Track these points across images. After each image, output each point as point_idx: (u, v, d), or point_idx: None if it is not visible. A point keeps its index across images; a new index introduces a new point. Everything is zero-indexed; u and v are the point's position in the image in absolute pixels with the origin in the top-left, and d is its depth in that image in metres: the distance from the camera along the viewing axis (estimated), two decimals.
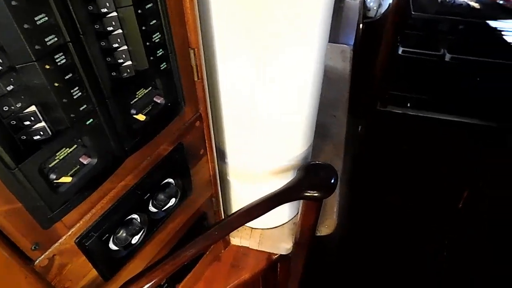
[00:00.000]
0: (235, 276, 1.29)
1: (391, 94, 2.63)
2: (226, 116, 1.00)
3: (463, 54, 2.46)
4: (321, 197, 1.03)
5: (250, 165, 1.12)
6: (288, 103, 0.97)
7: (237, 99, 0.95)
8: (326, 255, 2.25)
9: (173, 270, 0.82)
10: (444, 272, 2.09)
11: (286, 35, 0.82)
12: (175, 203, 0.90)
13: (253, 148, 1.06)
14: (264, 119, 0.99)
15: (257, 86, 0.91)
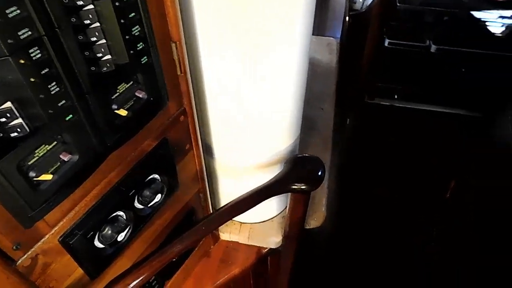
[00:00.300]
0: (225, 271, 1.29)
1: (378, 86, 2.64)
2: (211, 111, 0.99)
3: (448, 45, 2.48)
4: (308, 189, 1.03)
5: (237, 159, 1.12)
6: (274, 97, 0.97)
7: (222, 94, 0.94)
8: (316, 248, 2.26)
9: (160, 266, 0.82)
10: (433, 263, 2.12)
11: (271, 29, 0.81)
12: (161, 199, 0.89)
13: (239, 142, 1.06)
14: (250, 113, 0.98)
15: (242, 80, 0.90)
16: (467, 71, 2.51)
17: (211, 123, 1.02)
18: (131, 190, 0.79)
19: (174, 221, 1.03)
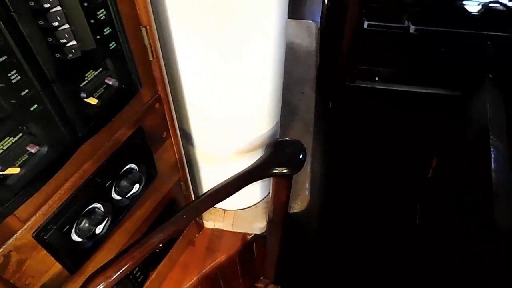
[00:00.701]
0: (211, 259, 1.28)
1: (358, 68, 2.64)
2: (188, 98, 0.97)
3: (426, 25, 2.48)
4: (290, 173, 1.02)
5: (217, 146, 1.10)
6: (251, 82, 0.95)
7: (198, 80, 0.92)
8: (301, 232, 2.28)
9: (142, 257, 0.80)
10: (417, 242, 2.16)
11: (245, 13, 0.79)
12: (139, 189, 0.87)
13: (219, 129, 1.04)
14: (227, 99, 0.96)
15: (218, 65, 0.88)
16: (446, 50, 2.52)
17: (189, 110, 1.00)
18: (107, 181, 0.77)
19: (155, 211, 1.02)
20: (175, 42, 0.84)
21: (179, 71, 0.90)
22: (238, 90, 0.94)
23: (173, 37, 0.83)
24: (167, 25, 0.81)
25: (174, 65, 0.89)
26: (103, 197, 0.78)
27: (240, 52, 0.87)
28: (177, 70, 0.90)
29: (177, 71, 0.90)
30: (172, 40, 0.83)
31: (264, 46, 0.89)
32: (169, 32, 0.82)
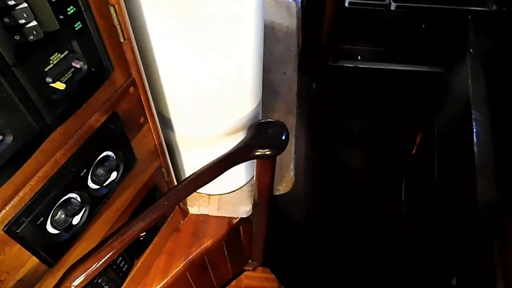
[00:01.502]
0: (197, 245, 1.27)
1: (341, 48, 2.61)
2: (164, 80, 0.93)
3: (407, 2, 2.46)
4: (273, 154, 1.01)
5: (197, 130, 1.07)
6: (229, 63, 0.92)
7: (174, 62, 0.88)
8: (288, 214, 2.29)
9: (123, 246, 0.78)
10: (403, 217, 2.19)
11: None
12: (117, 177, 0.84)
13: (198, 112, 1.01)
14: (205, 82, 0.93)
15: (193, 46, 0.85)
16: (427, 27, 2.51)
17: (166, 93, 0.96)
18: (82, 170, 0.74)
19: (137, 198, 0.99)
20: (147, 21, 0.80)
21: (154, 53, 0.86)
22: (216, 71, 0.91)
23: (144, 16, 0.78)
24: (137, 3, 0.77)
25: (148, 47, 0.85)
26: (78, 187, 0.75)
27: (217, 30, 0.83)
28: (152, 51, 0.86)
29: (151, 53, 0.86)
30: (144, 19, 0.79)
31: (242, 24, 0.86)
32: (140, 10, 0.77)
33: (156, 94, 0.99)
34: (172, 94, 0.96)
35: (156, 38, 0.83)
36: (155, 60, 0.88)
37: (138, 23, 0.81)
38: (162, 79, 0.92)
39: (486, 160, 1.38)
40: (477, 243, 1.24)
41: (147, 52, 0.87)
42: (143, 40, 0.84)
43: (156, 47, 0.85)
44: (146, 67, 0.92)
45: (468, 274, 1.22)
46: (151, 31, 0.82)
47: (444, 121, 1.92)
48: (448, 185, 1.66)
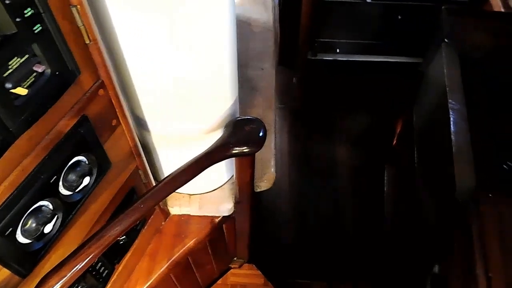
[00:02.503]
0: (180, 245, 1.25)
1: (319, 42, 2.62)
2: (136, 81, 0.91)
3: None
4: (251, 151, 1.00)
5: (173, 129, 1.06)
6: (202, 59, 0.91)
7: (144, 62, 0.86)
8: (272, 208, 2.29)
9: (100, 252, 0.77)
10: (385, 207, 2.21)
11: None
12: (91, 182, 0.83)
13: (172, 111, 1.00)
14: (178, 81, 0.92)
15: (164, 43, 0.83)
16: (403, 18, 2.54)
17: (138, 94, 0.94)
18: (52, 176, 0.72)
19: (113, 203, 0.97)
20: (113, 20, 0.78)
21: (123, 53, 0.84)
22: (189, 69, 0.90)
23: (110, 15, 0.76)
24: (102, 2, 0.75)
25: (116, 47, 0.83)
26: (49, 194, 0.73)
27: (188, 26, 0.82)
28: (121, 52, 0.84)
29: (120, 53, 0.84)
30: (110, 18, 0.77)
31: (213, 18, 0.85)
32: (105, 10, 0.75)
33: (129, 95, 0.97)
34: (144, 94, 0.94)
35: (124, 37, 0.81)
36: (125, 60, 0.86)
37: (105, 23, 0.79)
38: (133, 79, 0.90)
39: (464, 147, 1.40)
40: (457, 229, 1.26)
41: (116, 53, 0.85)
42: (111, 40, 0.82)
43: (125, 47, 0.83)
44: (117, 68, 0.90)
45: (450, 261, 1.24)
46: (118, 31, 0.80)
47: (422, 111, 1.94)
48: (428, 173, 1.68)
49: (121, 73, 0.91)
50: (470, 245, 1.16)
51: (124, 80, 0.92)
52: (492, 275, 1.08)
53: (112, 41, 0.83)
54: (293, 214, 2.27)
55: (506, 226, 1.17)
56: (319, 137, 2.64)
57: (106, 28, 0.79)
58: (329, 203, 2.32)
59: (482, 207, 1.21)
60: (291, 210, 2.29)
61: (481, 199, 1.23)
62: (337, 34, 2.72)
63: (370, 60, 2.71)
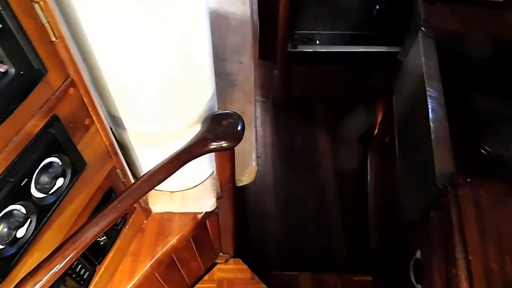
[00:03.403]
0: (163, 243, 1.24)
1: (299, 33, 2.61)
2: (108, 79, 0.89)
3: None
4: (229, 146, 0.99)
5: (150, 127, 1.04)
6: (175, 53, 0.89)
7: (115, 59, 0.84)
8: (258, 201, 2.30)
9: (77, 254, 0.75)
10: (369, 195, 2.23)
11: None
12: (65, 183, 0.81)
13: (148, 109, 0.98)
14: (152, 77, 0.90)
15: (135, 39, 0.81)
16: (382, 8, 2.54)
17: (112, 92, 0.92)
18: (23, 179, 0.70)
19: (91, 203, 0.96)
20: (80, 16, 0.75)
21: (92, 50, 0.82)
22: (162, 64, 0.88)
23: (77, 11, 0.74)
24: None
25: (85, 44, 0.81)
26: (20, 197, 0.71)
27: (159, 19, 0.80)
28: (90, 49, 0.82)
29: (90, 51, 0.82)
30: (77, 14, 0.75)
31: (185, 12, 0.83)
32: (70, 5, 0.73)
33: (103, 93, 0.95)
34: (118, 92, 0.93)
35: (92, 34, 0.79)
36: (95, 58, 0.84)
37: (71, 19, 0.77)
38: (105, 77, 0.88)
39: (442, 134, 1.42)
40: (437, 214, 1.28)
41: (86, 50, 0.83)
42: (80, 37, 0.80)
43: (94, 44, 0.81)
44: (88, 66, 0.88)
45: (430, 245, 1.26)
46: (86, 27, 0.78)
47: (402, 99, 1.95)
48: (409, 160, 1.70)
49: (93, 71, 0.89)
50: (450, 229, 1.17)
51: (96, 78, 0.90)
52: (472, 258, 1.10)
53: (80, 38, 0.81)
54: (279, 207, 2.28)
55: (484, 209, 1.19)
56: (302, 129, 2.65)
57: (73, 24, 0.77)
58: (314, 194, 2.34)
59: (461, 191, 1.23)
60: (276, 203, 2.29)
61: (460, 183, 1.25)
62: (316, 26, 2.72)
63: (350, 50, 2.72)
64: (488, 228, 1.15)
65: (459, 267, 1.09)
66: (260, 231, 2.19)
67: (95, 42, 0.80)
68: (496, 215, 1.18)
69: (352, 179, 2.41)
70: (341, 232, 2.18)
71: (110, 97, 0.94)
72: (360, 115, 2.69)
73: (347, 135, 2.60)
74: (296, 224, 2.21)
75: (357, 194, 2.32)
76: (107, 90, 0.92)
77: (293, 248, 2.12)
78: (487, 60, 1.74)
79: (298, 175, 2.43)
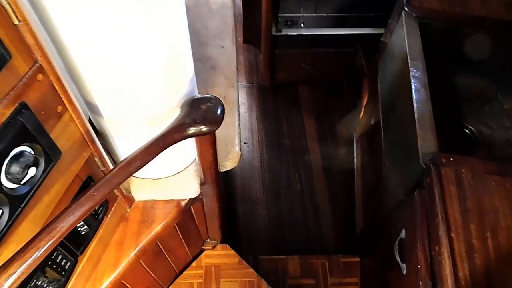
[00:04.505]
0: (147, 232, 1.23)
1: (283, 17, 2.58)
2: (80, 64, 0.86)
3: None
4: (209, 130, 0.98)
5: (128, 113, 1.02)
6: (149, 36, 0.86)
7: (85, 42, 0.81)
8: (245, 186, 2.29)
9: (52, 246, 0.74)
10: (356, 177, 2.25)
11: None
12: (38, 172, 0.78)
13: (124, 95, 0.95)
14: (125, 60, 0.87)
15: (103, 21, 0.78)
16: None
17: (84, 77, 0.90)
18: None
19: (69, 193, 0.94)
20: None
21: (60, 34, 0.79)
22: (135, 46, 0.85)
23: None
24: None
25: (53, 27, 0.78)
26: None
27: (132, 3, 0.77)
28: (58, 32, 0.79)
29: (58, 34, 0.79)
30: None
31: None
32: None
33: (77, 79, 0.92)
34: (91, 78, 0.90)
35: (59, 17, 0.76)
36: (63, 41, 0.81)
37: (39, 2, 0.74)
38: (77, 62, 0.85)
39: (425, 113, 1.42)
40: (420, 193, 1.29)
41: (54, 34, 0.80)
42: (46, 20, 0.77)
43: (61, 27, 0.78)
44: (59, 51, 0.85)
45: (414, 224, 1.27)
46: (51, 9, 0.75)
47: (386, 80, 1.95)
48: (394, 140, 1.70)
49: (65, 57, 0.85)
50: (432, 208, 1.18)
51: (69, 64, 0.87)
52: (454, 236, 1.11)
53: (49, 22, 0.78)
54: (266, 192, 2.28)
55: (466, 187, 1.20)
56: (289, 113, 2.64)
57: (38, 6, 0.74)
58: (302, 179, 2.34)
59: (443, 170, 1.24)
60: (264, 188, 2.29)
61: (442, 162, 1.25)
62: (301, 8, 2.69)
63: (334, 33, 2.70)
64: (470, 206, 1.16)
65: (441, 245, 1.10)
66: (248, 217, 2.19)
67: (62, 26, 0.77)
68: (478, 193, 1.19)
69: (339, 162, 2.42)
70: (329, 216, 2.20)
71: (85, 83, 0.92)
72: (346, 98, 2.69)
73: (333, 119, 2.60)
74: (284, 209, 2.22)
75: (344, 177, 2.33)
76: (80, 76, 0.89)
77: (281, 233, 2.13)
78: (470, 39, 1.74)
79: (285, 159, 2.43)
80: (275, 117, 2.62)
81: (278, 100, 2.69)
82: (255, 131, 2.57)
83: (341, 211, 2.20)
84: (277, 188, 2.31)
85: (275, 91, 2.73)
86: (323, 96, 2.71)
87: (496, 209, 1.16)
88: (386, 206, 1.62)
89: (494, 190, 1.20)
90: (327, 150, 2.48)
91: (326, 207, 2.24)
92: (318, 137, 2.53)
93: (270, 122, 2.59)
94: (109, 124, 1.05)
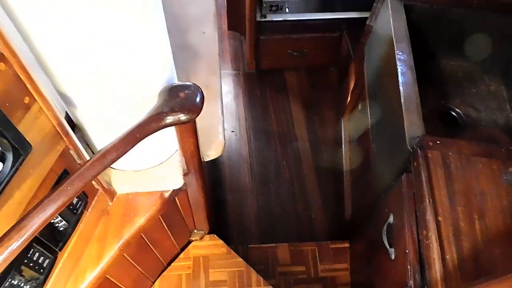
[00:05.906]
0: (130, 224, 1.20)
1: (267, 2, 2.53)
2: (47, 52, 0.82)
3: None
4: (188, 119, 0.94)
5: (103, 104, 0.97)
6: (121, 19, 0.82)
7: (50, 28, 0.77)
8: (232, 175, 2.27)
9: (24, 244, 0.70)
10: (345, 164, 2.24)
11: None
12: (6, 168, 0.75)
13: (97, 83, 0.91)
14: (95, 46, 0.83)
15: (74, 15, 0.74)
16: None
17: (54, 67, 0.85)
18: None
19: (43, 188, 0.90)
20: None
21: (24, 21, 0.74)
22: (105, 32, 0.81)
23: None
24: None
25: (16, 14, 0.73)
26: None
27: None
28: (21, 20, 0.74)
29: (20, 19, 0.74)
30: None
31: None
32: None
33: (48, 69, 0.87)
34: (60, 66, 0.85)
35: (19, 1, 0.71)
36: (26, 26, 0.76)
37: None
38: (42, 50, 0.80)
39: (412, 97, 1.40)
40: (407, 177, 1.28)
41: (17, 19, 0.75)
42: (9, 6, 0.72)
43: (21, 11, 0.73)
44: (25, 39, 0.80)
45: (402, 209, 1.26)
46: None
47: (373, 64, 1.92)
48: (381, 126, 1.68)
49: (30, 44, 0.81)
50: (420, 192, 1.17)
51: (34, 51, 0.82)
52: (441, 219, 1.10)
53: (10, 9, 0.73)
54: (255, 180, 2.25)
55: (453, 170, 1.19)
56: (276, 100, 2.61)
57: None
58: (290, 166, 2.32)
59: (430, 153, 1.22)
60: (252, 177, 2.27)
61: (429, 145, 1.24)
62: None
63: (320, 18, 2.66)
64: (457, 188, 1.15)
65: (429, 228, 1.09)
66: (237, 206, 2.17)
67: (22, 10, 0.72)
68: (465, 175, 1.18)
69: (328, 149, 2.41)
70: (319, 202, 2.18)
71: (57, 73, 0.87)
72: (332, 83, 2.67)
73: (320, 104, 2.57)
74: (273, 196, 2.20)
75: (333, 163, 2.31)
76: (49, 66, 0.85)
77: (271, 221, 2.12)
78: (456, 20, 1.71)
79: (273, 147, 2.40)
80: (262, 104, 2.58)
81: (264, 87, 2.65)
82: (242, 120, 2.54)
83: (330, 197, 2.19)
84: (265, 176, 2.28)
85: (261, 78, 2.69)
86: (310, 81, 2.67)
87: (483, 191, 1.15)
88: (374, 191, 1.61)
89: (481, 172, 1.19)
90: (315, 137, 2.46)
91: (315, 193, 2.22)
92: (306, 123, 2.51)
93: (257, 110, 2.56)
94: (84, 116, 1.01)
